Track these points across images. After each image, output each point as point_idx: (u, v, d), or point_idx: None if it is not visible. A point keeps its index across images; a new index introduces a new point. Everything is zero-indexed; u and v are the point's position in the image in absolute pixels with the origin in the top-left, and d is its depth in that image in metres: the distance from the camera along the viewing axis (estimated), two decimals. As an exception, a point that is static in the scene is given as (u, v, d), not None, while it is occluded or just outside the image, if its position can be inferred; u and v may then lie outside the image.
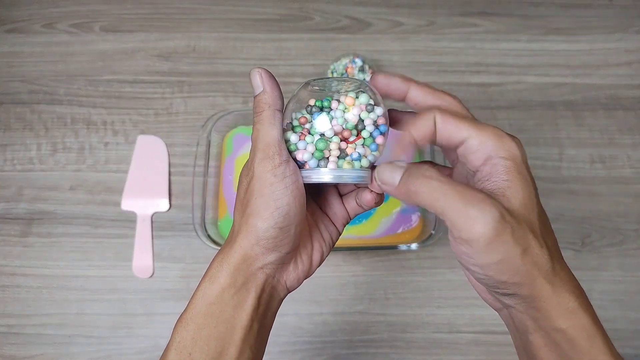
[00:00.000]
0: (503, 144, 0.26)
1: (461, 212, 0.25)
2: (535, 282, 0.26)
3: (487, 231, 0.24)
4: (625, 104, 0.68)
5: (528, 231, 0.25)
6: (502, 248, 0.25)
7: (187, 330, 0.29)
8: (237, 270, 0.29)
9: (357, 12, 0.73)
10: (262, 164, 0.29)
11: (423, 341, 0.57)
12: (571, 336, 0.26)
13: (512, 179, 0.26)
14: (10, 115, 0.66)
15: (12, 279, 0.59)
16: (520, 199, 0.26)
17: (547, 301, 0.26)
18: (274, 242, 0.29)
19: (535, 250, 0.25)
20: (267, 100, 0.30)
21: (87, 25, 0.71)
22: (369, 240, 0.60)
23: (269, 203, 0.29)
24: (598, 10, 0.73)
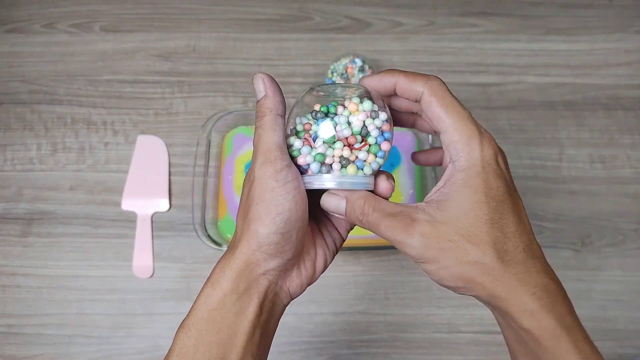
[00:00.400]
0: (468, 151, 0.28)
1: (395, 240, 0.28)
2: (483, 285, 0.27)
3: (415, 253, 0.28)
4: (625, 104, 0.68)
5: (462, 241, 0.27)
6: (433, 262, 0.28)
7: (189, 337, 0.29)
8: (239, 276, 0.29)
9: (357, 12, 0.73)
10: (262, 169, 0.29)
11: (423, 341, 0.57)
12: (535, 336, 0.27)
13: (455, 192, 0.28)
14: (10, 115, 0.66)
15: (12, 279, 0.59)
16: (458, 209, 0.27)
17: (504, 302, 0.27)
18: (275, 248, 0.29)
19: (474, 257, 0.27)
20: (269, 104, 0.30)
21: (87, 25, 0.71)
22: (369, 240, 0.60)
23: (270, 209, 0.28)
24: (598, 10, 0.74)
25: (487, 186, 0.27)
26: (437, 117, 0.29)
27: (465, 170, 0.28)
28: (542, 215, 0.63)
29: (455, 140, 0.28)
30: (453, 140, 0.28)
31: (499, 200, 0.28)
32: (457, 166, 0.28)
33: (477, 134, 0.28)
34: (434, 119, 0.29)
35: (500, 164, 0.28)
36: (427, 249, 0.27)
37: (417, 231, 0.27)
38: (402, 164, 0.63)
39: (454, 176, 0.28)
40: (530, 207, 0.63)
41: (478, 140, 0.28)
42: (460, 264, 0.27)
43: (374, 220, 0.29)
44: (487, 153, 0.28)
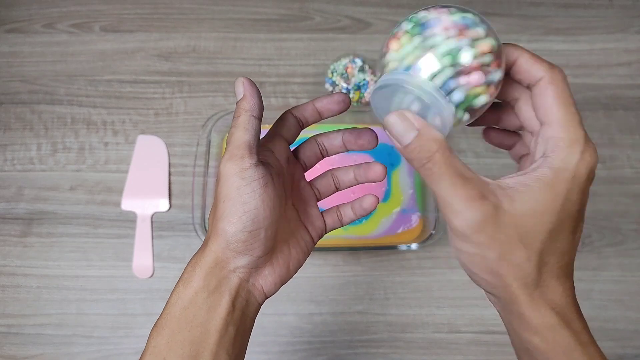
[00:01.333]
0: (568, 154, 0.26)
1: (449, 203, 0.25)
2: (510, 287, 0.26)
3: (464, 229, 0.25)
4: (625, 104, 0.68)
5: (515, 240, 0.25)
6: (475, 245, 0.25)
7: (162, 335, 0.29)
8: (209, 273, 0.29)
9: (357, 12, 0.73)
10: (228, 165, 0.29)
11: (423, 341, 0.57)
12: (545, 351, 0.26)
13: (537, 187, 0.25)
14: (10, 115, 0.66)
15: (12, 279, 0.59)
16: (529, 207, 0.25)
17: (523, 309, 0.26)
18: (243, 245, 0.29)
19: (518, 259, 0.25)
20: (245, 106, 0.30)
21: (87, 25, 0.71)
22: (369, 240, 0.60)
23: (237, 207, 0.29)
24: (598, 10, 0.73)
25: (568, 197, 0.26)
26: (547, 107, 0.26)
27: (556, 171, 0.25)
28: (542, 215, 0.63)
29: (558, 137, 0.26)
30: (555, 136, 0.26)
31: (568, 215, 0.26)
32: (550, 162, 0.25)
33: (582, 140, 0.26)
34: (542, 109, 0.26)
35: (588, 184, 0.27)
36: (480, 231, 0.25)
37: (480, 208, 0.24)
38: (402, 164, 0.63)
39: (543, 171, 0.25)
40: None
41: (581, 147, 0.26)
42: (500, 260, 0.25)
43: (440, 171, 0.25)
44: (583, 164, 0.26)
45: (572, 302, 0.27)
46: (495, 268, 0.26)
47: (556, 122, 0.26)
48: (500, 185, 0.26)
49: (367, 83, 0.64)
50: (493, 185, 0.26)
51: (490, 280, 0.26)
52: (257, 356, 0.57)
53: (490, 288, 0.27)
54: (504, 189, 0.26)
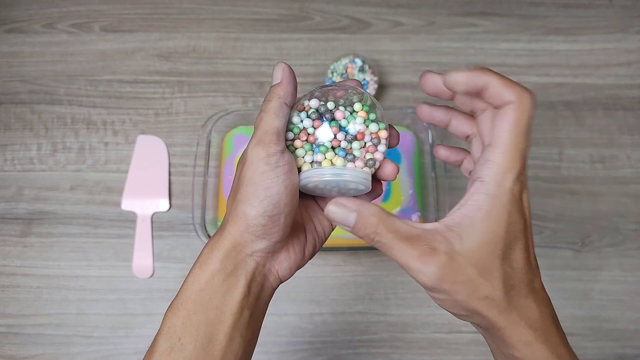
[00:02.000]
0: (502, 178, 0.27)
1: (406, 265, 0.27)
2: (486, 317, 0.27)
3: (428, 283, 0.27)
4: (625, 104, 0.68)
5: (476, 276, 0.26)
6: (444, 292, 0.27)
7: (177, 316, 0.29)
8: (226, 256, 0.30)
9: (357, 12, 0.73)
10: (255, 150, 0.29)
11: (423, 341, 0.57)
12: None
13: (479, 218, 0.27)
14: (10, 115, 0.66)
15: (12, 279, 0.59)
16: (477, 241, 0.27)
17: (501, 332, 0.27)
18: (262, 229, 0.29)
19: (485, 292, 0.27)
20: (279, 92, 0.30)
21: (87, 25, 0.71)
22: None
23: (259, 191, 0.29)
24: (598, 10, 0.73)
25: (509, 221, 0.27)
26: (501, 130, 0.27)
27: (493, 197, 0.27)
28: (542, 215, 0.63)
29: (496, 162, 0.27)
30: (493, 160, 0.27)
31: (514, 236, 0.27)
32: (486, 189, 0.27)
33: (518, 168, 0.27)
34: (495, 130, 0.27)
35: (524, 201, 0.28)
36: (442, 282, 0.26)
37: (434, 262, 0.26)
38: (402, 164, 0.63)
39: (481, 200, 0.27)
40: (531, 207, 0.63)
41: (516, 174, 0.27)
42: (470, 299, 0.27)
43: (387, 242, 0.27)
44: (517, 187, 0.27)
45: (548, 316, 0.28)
46: (468, 306, 0.27)
47: (500, 148, 0.27)
48: (448, 225, 0.27)
49: (367, 83, 0.64)
50: (440, 229, 0.27)
51: (468, 315, 0.28)
52: (257, 356, 0.57)
53: (470, 320, 0.29)
54: (451, 229, 0.27)
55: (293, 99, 0.31)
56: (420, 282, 0.27)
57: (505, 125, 0.27)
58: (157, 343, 0.29)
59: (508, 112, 0.27)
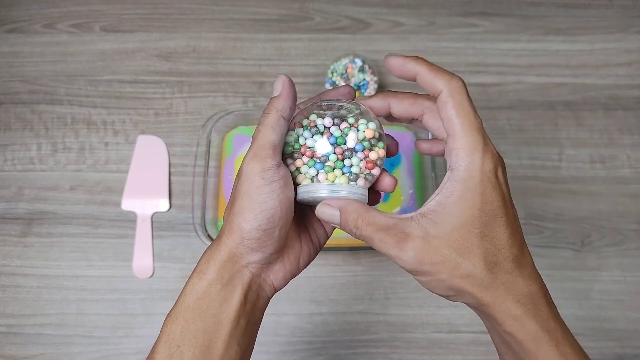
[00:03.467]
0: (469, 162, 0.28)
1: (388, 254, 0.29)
2: (473, 294, 0.28)
3: (408, 267, 0.28)
4: (625, 104, 0.68)
5: (454, 255, 0.28)
6: (426, 274, 0.28)
7: (176, 324, 0.30)
8: (223, 267, 0.30)
9: (357, 12, 0.73)
10: (251, 164, 0.29)
11: (423, 341, 0.57)
12: (518, 339, 0.28)
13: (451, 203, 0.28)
14: (11, 115, 0.67)
15: (12, 279, 0.59)
16: (452, 223, 0.28)
17: (490, 308, 0.28)
18: (257, 243, 0.30)
19: (466, 270, 0.28)
20: (278, 105, 0.30)
21: (87, 25, 0.71)
22: (368, 240, 0.60)
23: (254, 205, 0.29)
24: (598, 10, 0.74)
25: (483, 200, 0.28)
26: (448, 119, 0.28)
27: (463, 181, 0.28)
28: (542, 215, 0.63)
29: (458, 148, 0.28)
30: (456, 147, 0.28)
31: (492, 214, 0.28)
32: (456, 176, 0.28)
33: (481, 145, 0.28)
34: (445, 121, 0.29)
35: (499, 177, 0.28)
36: (420, 264, 0.28)
37: (409, 247, 0.28)
38: (402, 164, 0.63)
39: (451, 186, 0.28)
40: (530, 207, 0.63)
41: (481, 152, 0.28)
42: (452, 277, 0.28)
43: (368, 234, 0.30)
44: (487, 165, 0.28)
45: (537, 290, 0.29)
46: (452, 285, 0.28)
47: (456, 134, 0.28)
48: (422, 213, 0.29)
49: (367, 83, 0.64)
50: (415, 218, 0.29)
51: (455, 295, 0.29)
52: (257, 356, 0.57)
53: (460, 300, 0.29)
54: (426, 216, 0.28)
55: (291, 113, 0.31)
56: (402, 267, 0.29)
57: (450, 112, 0.28)
58: (156, 350, 0.30)
59: (446, 100, 0.28)
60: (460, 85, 0.29)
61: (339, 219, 0.31)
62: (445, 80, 0.29)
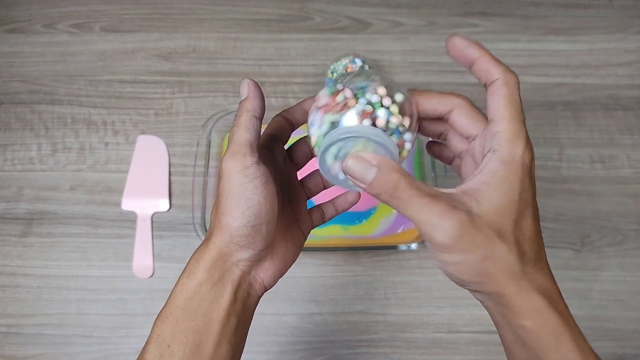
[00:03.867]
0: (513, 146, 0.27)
1: (425, 222, 0.27)
2: (499, 282, 0.27)
3: (446, 240, 0.26)
4: (625, 104, 0.68)
5: (493, 237, 0.27)
6: (460, 253, 0.27)
7: (167, 324, 0.30)
8: (213, 266, 0.31)
9: (357, 13, 0.73)
10: (230, 163, 0.30)
11: (423, 341, 0.57)
12: (536, 333, 0.28)
13: (495, 183, 0.27)
14: (11, 115, 0.67)
15: (12, 279, 0.59)
16: (494, 204, 0.27)
17: (512, 299, 0.27)
18: (246, 239, 0.30)
19: (500, 253, 0.27)
20: (247, 106, 0.31)
21: (87, 25, 0.71)
22: (369, 240, 0.60)
23: (240, 202, 0.30)
24: (598, 10, 0.74)
25: (522, 187, 0.27)
26: (498, 105, 0.28)
27: (507, 163, 0.27)
28: (542, 215, 0.62)
29: (504, 131, 0.28)
30: (501, 131, 0.28)
31: (526, 203, 0.28)
32: (500, 156, 0.27)
33: (524, 135, 0.28)
34: (493, 107, 0.29)
35: (533, 169, 0.29)
36: (460, 239, 0.26)
37: (455, 218, 0.26)
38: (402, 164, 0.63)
39: (495, 166, 0.27)
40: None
41: (524, 140, 0.28)
42: (485, 259, 0.27)
43: (408, 196, 0.27)
44: (527, 155, 0.28)
45: (554, 286, 0.29)
46: (482, 269, 0.27)
47: (504, 119, 0.28)
48: (464, 191, 0.28)
49: (367, 83, 0.64)
50: (458, 194, 0.28)
51: (479, 281, 0.28)
52: (257, 356, 0.57)
53: (480, 287, 0.28)
54: (468, 194, 0.27)
55: (262, 112, 0.31)
56: (438, 240, 0.26)
57: (502, 100, 0.28)
58: (146, 350, 0.30)
59: (500, 87, 0.28)
60: (515, 79, 0.29)
61: (373, 177, 0.27)
62: (503, 69, 0.29)
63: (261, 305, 0.59)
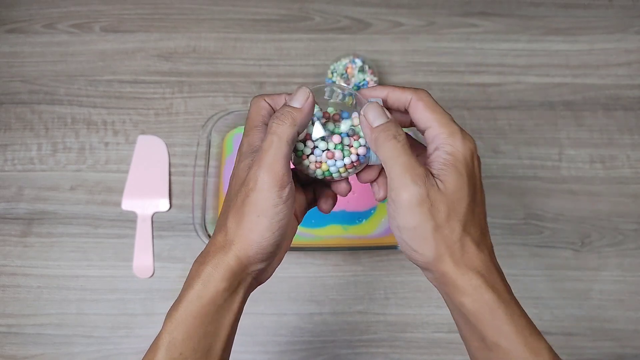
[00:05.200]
0: (452, 141, 0.31)
1: (399, 176, 0.30)
2: (441, 258, 0.30)
3: (410, 198, 0.29)
4: (625, 104, 0.68)
5: (446, 214, 0.30)
6: (417, 216, 0.29)
7: (179, 331, 0.30)
8: (233, 275, 0.31)
9: (357, 13, 0.73)
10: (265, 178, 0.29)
11: (423, 341, 0.57)
12: (473, 310, 0.30)
13: (446, 170, 0.30)
14: (11, 115, 0.67)
15: (12, 279, 0.59)
16: (451, 186, 0.30)
17: (453, 277, 0.30)
18: (268, 255, 0.31)
19: (447, 230, 0.30)
20: (296, 119, 0.30)
21: (87, 25, 0.71)
22: (369, 240, 0.60)
23: (272, 224, 0.30)
24: (598, 10, 0.74)
25: (469, 175, 0.31)
26: (422, 116, 0.32)
27: (451, 155, 0.30)
28: (542, 215, 0.63)
29: (440, 132, 0.31)
30: (438, 133, 0.31)
31: (475, 190, 0.31)
32: (444, 151, 0.31)
33: (458, 131, 0.31)
34: (420, 120, 0.32)
35: (474, 163, 0.31)
36: (421, 204, 0.29)
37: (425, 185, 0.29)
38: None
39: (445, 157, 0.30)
40: (530, 207, 0.63)
41: (460, 136, 0.31)
42: (435, 231, 0.29)
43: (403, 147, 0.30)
44: (466, 148, 0.31)
45: (493, 267, 0.31)
46: (431, 238, 0.30)
47: (434, 123, 0.31)
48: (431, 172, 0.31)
49: (367, 83, 0.64)
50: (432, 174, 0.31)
51: (426, 254, 0.30)
52: (258, 356, 0.57)
53: (426, 262, 0.31)
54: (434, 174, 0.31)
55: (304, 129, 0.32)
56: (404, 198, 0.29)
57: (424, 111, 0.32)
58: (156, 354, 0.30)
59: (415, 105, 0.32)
60: (425, 92, 0.32)
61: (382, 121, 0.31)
62: (412, 90, 0.33)
63: (261, 305, 0.59)
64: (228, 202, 0.32)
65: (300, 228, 0.60)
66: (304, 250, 0.60)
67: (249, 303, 0.33)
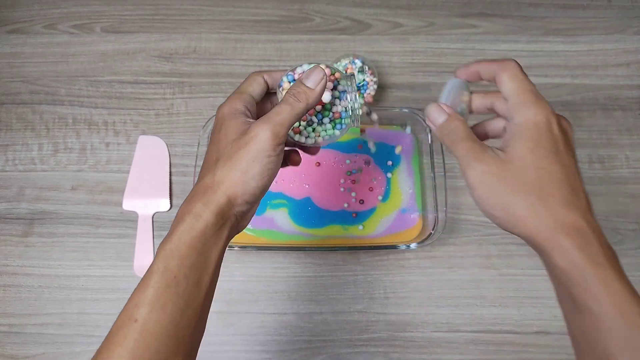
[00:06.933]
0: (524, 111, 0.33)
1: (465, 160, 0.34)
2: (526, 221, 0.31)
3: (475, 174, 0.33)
4: (624, 104, 0.68)
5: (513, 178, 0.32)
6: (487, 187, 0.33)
7: (173, 259, 0.32)
8: (221, 212, 0.34)
9: (357, 13, 0.73)
10: (266, 134, 0.34)
11: (422, 340, 0.58)
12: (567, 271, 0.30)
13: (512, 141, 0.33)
14: (12, 115, 0.67)
15: (14, 279, 0.59)
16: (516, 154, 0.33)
17: (542, 240, 0.31)
18: (254, 198, 0.35)
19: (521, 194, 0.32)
20: (310, 99, 0.35)
21: (88, 26, 0.72)
22: (369, 240, 0.60)
23: (264, 171, 0.34)
24: (597, 11, 0.74)
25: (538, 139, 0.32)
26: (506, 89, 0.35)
27: (519, 125, 0.33)
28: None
29: (515, 103, 0.34)
30: (513, 104, 0.34)
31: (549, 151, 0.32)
32: (514, 122, 0.34)
33: (530, 99, 0.34)
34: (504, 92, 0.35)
35: (553, 128, 0.33)
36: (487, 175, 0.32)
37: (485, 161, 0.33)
38: (401, 164, 0.63)
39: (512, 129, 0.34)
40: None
41: (531, 104, 0.33)
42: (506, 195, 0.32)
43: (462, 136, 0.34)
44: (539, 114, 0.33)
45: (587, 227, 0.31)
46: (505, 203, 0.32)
47: (512, 94, 0.34)
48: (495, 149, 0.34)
49: (367, 84, 0.64)
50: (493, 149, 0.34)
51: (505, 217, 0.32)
52: (258, 355, 0.57)
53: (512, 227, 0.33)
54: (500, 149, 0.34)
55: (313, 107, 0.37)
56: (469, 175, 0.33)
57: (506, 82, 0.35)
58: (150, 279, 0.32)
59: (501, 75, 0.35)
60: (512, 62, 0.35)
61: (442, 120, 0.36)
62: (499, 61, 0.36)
63: (262, 305, 0.59)
64: (215, 154, 0.35)
65: (301, 228, 0.60)
66: (304, 250, 0.60)
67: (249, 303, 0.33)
